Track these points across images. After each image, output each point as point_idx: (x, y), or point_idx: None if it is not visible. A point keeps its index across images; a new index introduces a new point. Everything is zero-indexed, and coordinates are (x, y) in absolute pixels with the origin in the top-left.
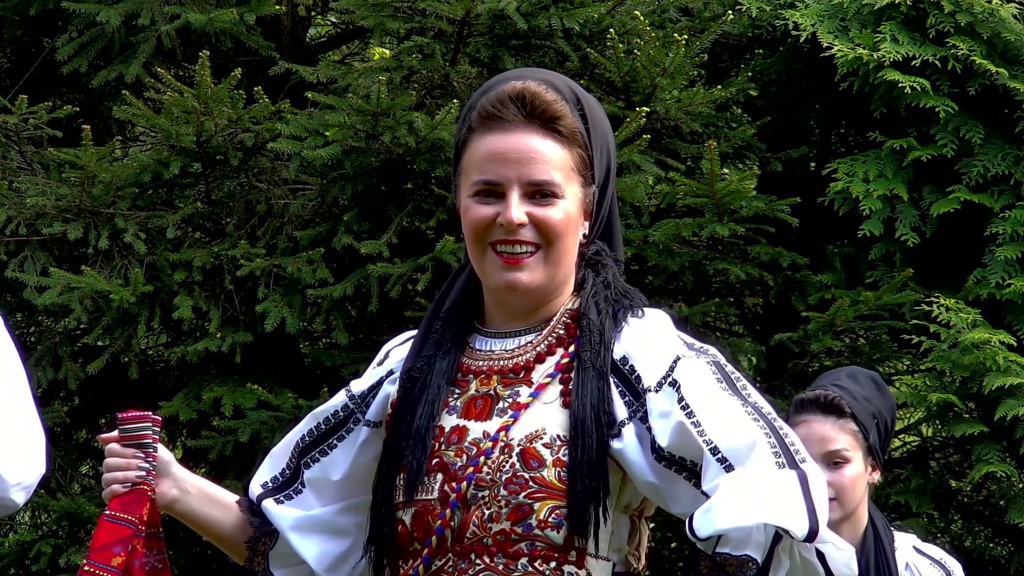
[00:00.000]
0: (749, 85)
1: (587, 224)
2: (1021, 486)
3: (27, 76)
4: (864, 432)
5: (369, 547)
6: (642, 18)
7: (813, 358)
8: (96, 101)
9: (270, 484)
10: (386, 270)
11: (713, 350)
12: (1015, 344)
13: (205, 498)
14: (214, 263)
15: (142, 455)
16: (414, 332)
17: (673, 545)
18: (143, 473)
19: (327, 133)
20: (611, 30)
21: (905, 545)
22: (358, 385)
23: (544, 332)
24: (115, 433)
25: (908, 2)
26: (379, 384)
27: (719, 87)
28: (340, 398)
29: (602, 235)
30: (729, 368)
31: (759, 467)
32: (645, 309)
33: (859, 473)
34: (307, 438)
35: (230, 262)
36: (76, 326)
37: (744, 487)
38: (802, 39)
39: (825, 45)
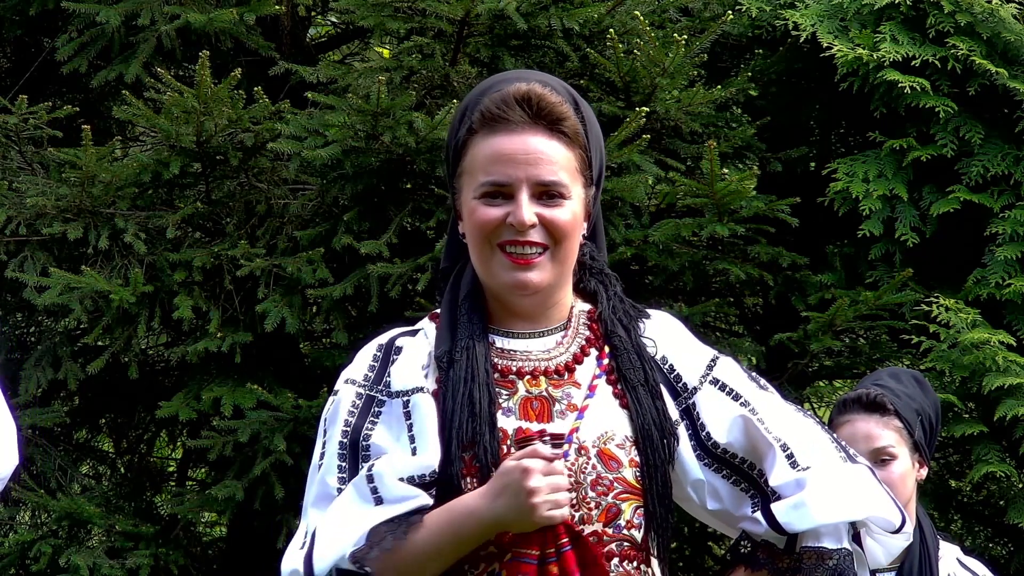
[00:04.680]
0: (749, 85)
1: (586, 224)
2: (1021, 486)
3: (27, 76)
4: (909, 428)
5: None
6: (642, 18)
7: (813, 358)
8: (96, 101)
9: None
10: (386, 270)
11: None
12: (1015, 344)
13: None
14: (214, 263)
15: None
16: (403, 329)
17: (673, 545)
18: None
19: (327, 133)
20: (611, 30)
21: (949, 555)
22: (399, 383)
23: (569, 333)
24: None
25: (908, 2)
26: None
27: (719, 87)
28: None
29: (589, 235)
30: (747, 367)
31: (830, 463)
32: (649, 311)
33: (907, 469)
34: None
35: (230, 262)
36: (76, 326)
37: (833, 482)
38: (802, 39)
39: (825, 45)
